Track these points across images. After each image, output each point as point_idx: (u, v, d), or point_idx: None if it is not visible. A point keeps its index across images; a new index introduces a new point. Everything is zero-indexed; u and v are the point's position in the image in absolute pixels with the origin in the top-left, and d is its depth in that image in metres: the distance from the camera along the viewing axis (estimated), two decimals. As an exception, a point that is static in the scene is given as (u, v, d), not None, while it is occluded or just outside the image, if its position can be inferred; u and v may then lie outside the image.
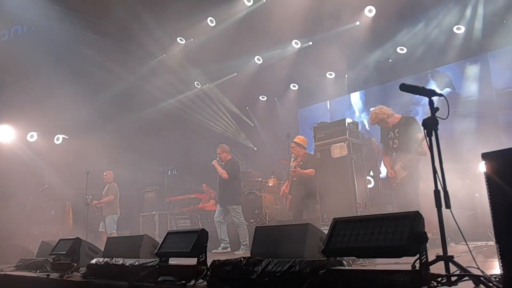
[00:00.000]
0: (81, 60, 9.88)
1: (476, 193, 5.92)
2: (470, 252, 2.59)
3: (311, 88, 11.93)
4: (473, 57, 9.38)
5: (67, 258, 4.83)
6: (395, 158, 5.57)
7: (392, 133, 5.67)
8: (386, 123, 5.66)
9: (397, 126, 5.62)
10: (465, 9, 8.63)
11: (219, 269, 3.19)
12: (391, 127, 5.66)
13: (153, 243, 4.64)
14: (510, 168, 2.09)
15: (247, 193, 9.02)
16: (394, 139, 5.62)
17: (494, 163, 2.17)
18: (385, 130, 5.79)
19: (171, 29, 9.92)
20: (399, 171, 5.49)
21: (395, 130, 5.64)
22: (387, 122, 5.65)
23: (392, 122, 5.66)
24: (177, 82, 11.66)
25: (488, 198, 2.18)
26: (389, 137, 5.69)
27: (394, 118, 5.68)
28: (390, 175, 5.64)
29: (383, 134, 5.83)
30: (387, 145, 5.74)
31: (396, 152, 5.57)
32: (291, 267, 2.74)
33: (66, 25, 9.13)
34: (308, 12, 8.91)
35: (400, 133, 5.55)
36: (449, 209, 2.43)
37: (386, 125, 5.69)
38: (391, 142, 5.64)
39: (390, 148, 5.65)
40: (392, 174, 5.61)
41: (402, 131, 5.54)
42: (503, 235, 2.10)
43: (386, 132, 5.77)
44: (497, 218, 2.13)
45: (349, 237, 2.49)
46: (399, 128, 5.59)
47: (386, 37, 9.69)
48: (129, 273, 3.87)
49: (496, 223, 2.13)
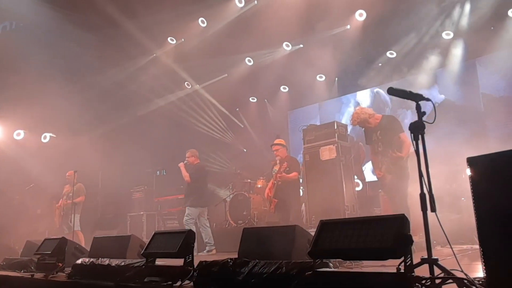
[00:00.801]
0: (70, 57, 9.78)
1: (463, 197, 5.98)
2: (454, 255, 2.62)
3: (301, 90, 11.98)
4: (461, 62, 9.50)
5: (52, 258, 4.78)
6: (381, 161, 5.56)
7: (375, 135, 5.65)
8: (368, 124, 5.63)
9: (379, 128, 5.60)
10: (453, 15, 8.73)
11: (206, 270, 3.19)
12: (374, 128, 5.64)
13: (140, 243, 4.61)
14: (495, 172, 2.12)
15: (236, 194, 9.01)
16: (378, 141, 5.60)
17: (479, 168, 2.20)
18: (369, 132, 5.77)
19: (162, 29, 9.88)
20: (385, 173, 5.50)
21: (377, 132, 5.61)
22: (369, 122, 5.62)
23: (374, 123, 5.63)
24: (167, 82, 11.61)
25: (473, 202, 2.21)
26: (373, 139, 5.68)
27: (375, 119, 5.65)
28: (378, 175, 5.64)
29: (368, 136, 5.81)
30: (374, 148, 5.74)
31: (381, 155, 5.56)
32: (277, 268, 2.74)
33: (56, 22, 9.03)
34: (299, 15, 8.95)
35: (383, 135, 5.54)
36: (435, 213, 2.46)
37: (368, 126, 5.66)
38: (376, 146, 5.63)
39: (376, 152, 5.65)
40: (380, 174, 5.60)
41: (384, 133, 5.53)
42: (486, 239, 2.13)
43: (370, 134, 5.75)
44: (481, 222, 2.16)
45: (336, 239, 2.51)
46: (381, 129, 5.57)
47: (376, 41, 9.77)
48: (115, 274, 3.84)
49: (480, 227, 2.16)
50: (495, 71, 8.99)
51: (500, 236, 2.07)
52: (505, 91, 8.86)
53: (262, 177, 9.18)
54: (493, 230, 2.11)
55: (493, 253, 2.08)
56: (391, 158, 5.35)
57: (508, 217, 2.02)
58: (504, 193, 2.05)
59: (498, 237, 2.08)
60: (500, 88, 8.94)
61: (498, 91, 8.96)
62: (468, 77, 9.53)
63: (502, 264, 2.05)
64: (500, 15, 8.43)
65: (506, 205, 2.03)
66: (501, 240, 2.06)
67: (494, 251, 2.09)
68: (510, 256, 2.02)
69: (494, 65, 8.91)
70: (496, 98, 8.88)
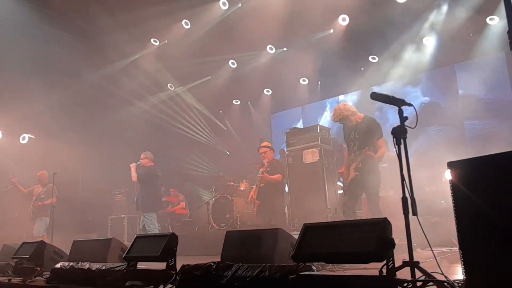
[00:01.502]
0: (51, 58, 9.60)
1: (442, 200, 6.08)
2: (435, 258, 2.67)
3: (284, 93, 12.04)
4: (441, 68, 9.71)
5: (31, 262, 4.68)
6: (353, 159, 5.50)
7: (353, 133, 5.59)
8: (350, 121, 5.58)
9: (359, 127, 5.55)
10: (433, 22, 8.90)
11: (189, 273, 3.16)
12: (353, 127, 5.59)
13: (121, 247, 4.55)
14: (474, 176, 2.17)
15: (218, 197, 8.98)
16: (354, 140, 5.55)
17: (459, 172, 2.25)
18: (347, 129, 5.72)
19: (145, 30, 9.79)
20: (351, 171, 5.44)
21: (356, 131, 5.57)
22: (350, 120, 5.57)
23: (355, 121, 5.59)
24: (149, 84, 11.51)
25: (453, 206, 2.25)
26: (351, 137, 5.62)
27: (357, 117, 5.60)
28: (340, 171, 5.61)
29: (346, 133, 5.75)
30: (349, 146, 5.68)
31: (354, 154, 5.51)
32: (261, 272, 2.74)
33: (36, 22, 8.86)
34: (283, 19, 8.99)
35: (360, 135, 5.49)
36: (416, 216, 2.50)
37: (349, 123, 5.61)
38: (352, 144, 5.58)
39: (351, 150, 5.60)
40: (342, 170, 5.59)
41: (361, 133, 5.49)
42: (466, 242, 2.18)
43: (348, 131, 5.69)
44: (460, 225, 2.21)
45: (319, 243, 2.52)
46: (360, 129, 5.53)
47: (359, 45, 9.88)
48: (95, 278, 3.78)
49: (460, 229, 2.20)
50: (474, 76, 9.21)
51: (479, 239, 2.11)
52: (484, 96, 9.08)
53: (245, 180, 9.17)
54: (472, 233, 2.15)
55: (472, 256, 2.13)
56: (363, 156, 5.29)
57: (487, 220, 2.07)
58: (484, 196, 2.10)
59: (477, 240, 2.12)
60: (479, 93, 9.16)
61: (477, 96, 9.18)
62: (448, 82, 9.75)
63: (481, 266, 2.09)
64: (479, 23, 8.64)
65: (485, 208, 2.08)
66: (480, 243, 2.11)
67: (473, 253, 2.13)
68: (488, 259, 2.06)
69: (473, 71, 9.13)
70: (474, 102, 9.08)
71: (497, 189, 2.06)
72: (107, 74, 10.64)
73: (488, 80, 8.90)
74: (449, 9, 8.57)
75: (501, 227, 1.99)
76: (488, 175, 2.12)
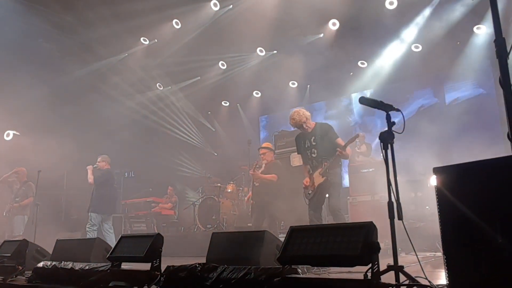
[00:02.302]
0: (38, 54, 9.48)
1: (427, 206, 6.15)
2: (419, 262, 2.70)
3: (273, 96, 12.05)
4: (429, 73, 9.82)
5: (12, 260, 4.59)
6: (315, 166, 5.41)
7: (308, 141, 5.48)
8: (305, 127, 5.43)
9: (313, 134, 5.44)
10: (423, 28, 9.01)
11: (173, 275, 3.14)
12: (307, 134, 5.48)
13: (105, 246, 4.50)
14: (459, 183, 2.19)
15: (205, 198, 8.95)
16: (311, 148, 5.44)
17: (444, 178, 2.27)
18: (300, 140, 5.60)
19: (135, 28, 9.74)
20: (317, 177, 5.34)
21: (311, 138, 5.45)
22: (306, 125, 5.43)
23: (310, 126, 5.47)
24: (138, 83, 11.44)
25: (438, 211, 2.27)
26: (306, 146, 5.51)
27: (310, 124, 5.50)
28: (305, 183, 5.42)
29: (299, 144, 5.63)
30: (305, 155, 5.55)
31: (316, 161, 5.41)
32: (246, 274, 2.73)
33: (25, 17, 8.74)
34: (274, 21, 9.02)
35: (317, 142, 5.39)
36: (401, 221, 2.52)
37: (303, 130, 5.48)
38: (309, 152, 5.47)
39: (309, 158, 5.49)
40: (307, 182, 5.41)
41: (318, 139, 5.39)
42: (450, 247, 2.20)
43: (302, 141, 5.57)
44: (445, 230, 2.23)
45: (305, 246, 2.52)
46: (315, 136, 5.42)
47: (348, 50, 9.95)
48: (78, 278, 3.73)
49: (444, 235, 2.22)
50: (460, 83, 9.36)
51: (463, 244, 2.14)
52: (468, 102, 9.23)
53: (232, 182, 9.16)
54: (456, 238, 2.18)
55: (456, 261, 2.15)
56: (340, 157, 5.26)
57: (471, 226, 2.09)
58: (468, 203, 2.12)
59: (461, 246, 2.15)
60: (464, 100, 9.30)
61: (462, 103, 9.32)
62: (435, 88, 9.88)
63: (464, 271, 2.11)
64: (466, 31, 8.78)
65: (469, 215, 2.10)
66: (464, 248, 2.13)
67: (457, 259, 2.15)
68: (472, 264, 2.08)
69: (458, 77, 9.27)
70: (460, 108, 9.22)
71: (482, 196, 2.08)
72: (95, 71, 10.55)
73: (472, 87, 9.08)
74: (438, 17, 8.68)
75: (485, 234, 2.02)
76: (474, 181, 2.15)
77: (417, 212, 6.18)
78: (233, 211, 8.45)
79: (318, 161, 5.39)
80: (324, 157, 5.31)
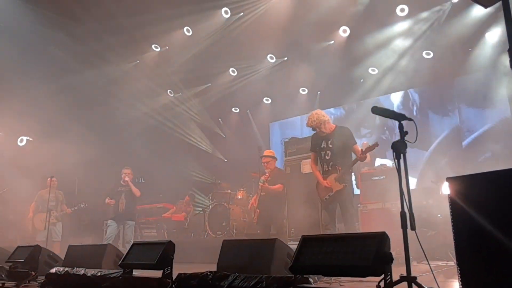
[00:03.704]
0: (51, 61, 9.61)
1: (439, 214, 6.08)
2: (432, 272, 2.67)
3: (284, 102, 12.07)
4: (441, 81, 9.74)
5: (25, 266, 4.64)
6: (328, 170, 5.41)
7: (325, 143, 5.47)
8: (323, 129, 5.45)
9: (331, 136, 5.44)
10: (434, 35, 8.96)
11: (185, 282, 3.15)
12: (325, 136, 5.47)
13: (117, 253, 4.53)
14: (474, 193, 2.17)
15: (215, 205, 8.95)
16: (326, 150, 5.44)
17: (458, 187, 2.25)
18: (317, 139, 5.60)
19: (147, 35, 9.85)
20: (334, 184, 5.33)
21: (328, 141, 5.45)
22: (324, 127, 5.45)
23: (328, 130, 5.48)
24: (149, 89, 11.53)
25: (451, 221, 2.26)
26: (322, 147, 5.50)
27: (330, 126, 5.51)
28: (327, 185, 5.36)
29: (315, 143, 5.63)
30: (319, 154, 5.55)
31: (328, 164, 5.41)
32: (257, 283, 2.73)
33: (38, 24, 8.89)
34: (285, 28, 9.07)
35: (334, 144, 5.38)
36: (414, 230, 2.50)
37: (321, 132, 5.48)
38: (323, 153, 5.46)
39: (322, 159, 5.48)
40: (328, 184, 5.36)
41: (335, 143, 5.38)
42: (464, 257, 2.18)
43: (318, 141, 5.57)
44: (459, 240, 2.21)
45: (317, 255, 2.52)
46: (333, 139, 5.42)
47: (358, 57, 9.94)
48: (90, 284, 3.76)
49: (458, 245, 2.20)
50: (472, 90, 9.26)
51: (477, 255, 2.11)
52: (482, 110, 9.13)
53: (243, 189, 9.15)
54: (470, 248, 2.16)
55: (470, 272, 2.13)
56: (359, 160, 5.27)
57: (485, 236, 2.07)
58: (482, 213, 2.11)
59: (475, 256, 2.13)
60: (477, 107, 9.21)
61: (475, 110, 9.22)
62: (447, 95, 9.79)
63: (479, 282, 2.09)
64: (478, 38, 8.71)
65: (484, 225, 2.08)
66: (478, 259, 2.11)
67: (471, 269, 2.13)
68: (486, 275, 2.06)
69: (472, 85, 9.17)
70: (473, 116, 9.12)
71: (497, 206, 2.06)
72: (107, 77, 10.65)
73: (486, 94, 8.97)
74: (450, 24, 8.63)
75: (500, 244, 2.00)
76: (489, 191, 2.13)
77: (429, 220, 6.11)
78: (243, 217, 8.44)
79: (329, 164, 5.40)
80: (338, 162, 5.31)
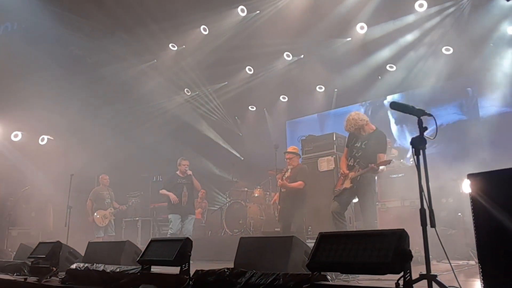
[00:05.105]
0: (71, 60, 9.78)
1: (459, 212, 5.97)
2: (453, 271, 2.62)
3: (300, 100, 12.02)
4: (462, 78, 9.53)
5: (46, 262, 4.74)
6: (352, 166, 5.44)
7: (359, 142, 5.47)
8: (362, 131, 5.46)
9: (367, 138, 5.43)
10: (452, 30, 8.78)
11: (202, 279, 3.17)
12: (362, 136, 5.47)
13: (135, 249, 4.58)
14: (496, 190, 2.12)
15: (232, 203, 8.98)
16: (358, 149, 5.44)
17: (479, 185, 2.21)
18: (353, 136, 5.59)
19: (164, 35, 9.92)
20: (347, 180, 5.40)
21: (364, 142, 5.44)
22: (364, 129, 5.46)
23: (367, 131, 5.47)
24: (166, 88, 11.62)
25: (472, 219, 2.21)
26: (356, 145, 5.50)
27: (369, 127, 5.50)
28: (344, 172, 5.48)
29: (351, 139, 5.62)
30: (351, 150, 5.57)
31: (354, 160, 5.43)
32: (274, 280, 2.73)
33: (58, 24, 9.05)
34: (301, 26, 9.02)
35: (367, 146, 5.39)
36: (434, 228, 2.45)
37: (358, 134, 5.49)
38: (355, 150, 5.48)
39: (352, 155, 5.50)
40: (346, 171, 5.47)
41: (369, 145, 5.38)
42: (486, 256, 2.13)
43: (354, 138, 5.57)
44: (480, 238, 2.17)
45: (335, 252, 2.50)
46: (368, 140, 5.41)
47: (376, 54, 9.82)
48: (109, 280, 3.81)
49: (480, 243, 2.16)
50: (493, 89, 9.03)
51: (499, 254, 2.07)
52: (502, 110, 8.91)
53: (259, 186, 9.15)
54: (492, 247, 2.11)
55: (492, 271, 2.08)
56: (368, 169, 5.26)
57: (508, 234, 2.02)
58: (504, 210, 2.06)
59: (497, 255, 2.08)
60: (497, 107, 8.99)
61: (496, 109, 9.00)
62: (466, 93, 9.59)
63: (501, 282, 2.05)
64: (499, 32, 8.50)
65: (506, 222, 2.03)
66: (501, 258, 2.06)
67: (493, 268, 2.08)
68: (508, 274, 2.02)
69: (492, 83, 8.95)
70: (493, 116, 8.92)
71: (519, 204, 2.02)
72: (126, 77, 10.77)
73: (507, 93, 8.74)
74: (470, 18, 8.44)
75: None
76: (510, 188, 2.08)
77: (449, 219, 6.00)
78: (260, 215, 8.44)
79: (356, 161, 5.43)
80: (364, 163, 5.32)
